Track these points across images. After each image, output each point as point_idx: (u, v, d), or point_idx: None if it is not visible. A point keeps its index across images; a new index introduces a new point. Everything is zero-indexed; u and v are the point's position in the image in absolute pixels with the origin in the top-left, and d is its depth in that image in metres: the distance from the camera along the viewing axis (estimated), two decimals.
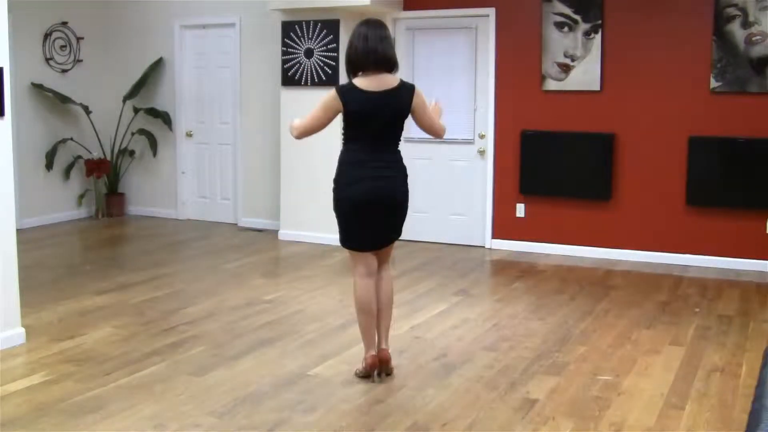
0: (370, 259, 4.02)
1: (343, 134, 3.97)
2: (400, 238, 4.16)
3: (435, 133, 4.08)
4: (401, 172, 4.01)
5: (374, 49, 3.83)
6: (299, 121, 3.96)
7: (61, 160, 8.79)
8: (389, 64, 3.89)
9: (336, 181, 3.97)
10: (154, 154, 9.07)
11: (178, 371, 4.15)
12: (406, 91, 3.91)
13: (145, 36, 9.04)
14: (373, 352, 4.01)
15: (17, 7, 7.44)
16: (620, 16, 6.85)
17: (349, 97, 3.84)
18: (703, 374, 4.16)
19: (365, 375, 4.04)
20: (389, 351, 4.06)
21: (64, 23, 8.76)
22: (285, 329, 4.91)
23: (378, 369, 4.03)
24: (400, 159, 4.02)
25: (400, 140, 4.02)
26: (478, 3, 7.32)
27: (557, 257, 7.07)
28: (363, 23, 3.93)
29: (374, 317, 4.02)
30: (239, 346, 4.57)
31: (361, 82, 3.86)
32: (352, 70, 3.91)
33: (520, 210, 7.37)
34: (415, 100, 3.92)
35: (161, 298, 5.65)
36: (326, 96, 3.90)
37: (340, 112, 3.89)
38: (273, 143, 8.21)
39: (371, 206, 3.89)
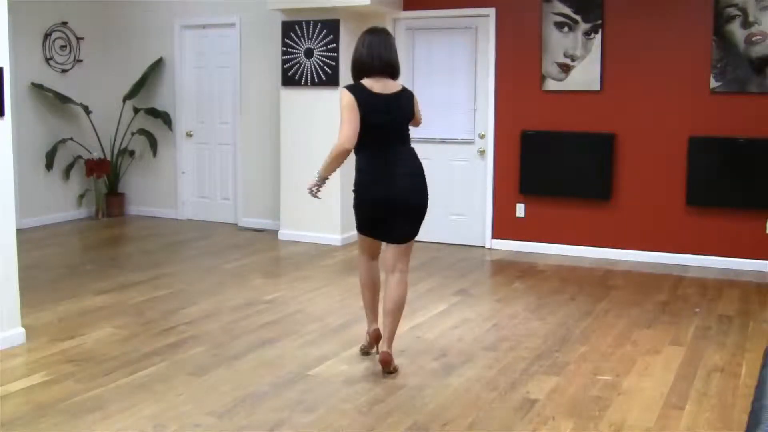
0: (371, 243, 4.22)
1: (357, 141, 3.99)
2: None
3: (416, 123, 4.25)
4: (419, 172, 4.11)
5: (379, 55, 4.05)
6: (340, 134, 3.93)
7: (61, 160, 8.79)
8: (392, 70, 4.11)
9: (356, 187, 4.10)
10: (154, 154, 9.07)
11: (178, 371, 4.15)
12: (407, 97, 4.15)
13: (145, 36, 9.04)
14: (376, 326, 4.25)
15: (17, 7, 7.45)
16: (620, 16, 6.85)
17: (359, 94, 3.99)
18: (703, 374, 4.17)
19: (367, 350, 4.34)
20: (390, 354, 4.09)
21: (64, 23, 8.76)
22: (285, 329, 4.91)
23: (382, 367, 4.12)
24: (416, 156, 4.16)
25: (409, 139, 4.19)
26: (478, 3, 7.32)
27: (557, 257, 7.07)
28: (368, 31, 4.18)
29: (376, 293, 4.29)
30: (239, 346, 4.57)
31: (368, 83, 4.06)
32: (358, 76, 4.11)
33: (520, 210, 7.37)
34: (414, 108, 4.19)
35: (161, 298, 5.66)
36: (342, 100, 3.98)
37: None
38: (273, 143, 8.20)
39: (389, 206, 4.04)
